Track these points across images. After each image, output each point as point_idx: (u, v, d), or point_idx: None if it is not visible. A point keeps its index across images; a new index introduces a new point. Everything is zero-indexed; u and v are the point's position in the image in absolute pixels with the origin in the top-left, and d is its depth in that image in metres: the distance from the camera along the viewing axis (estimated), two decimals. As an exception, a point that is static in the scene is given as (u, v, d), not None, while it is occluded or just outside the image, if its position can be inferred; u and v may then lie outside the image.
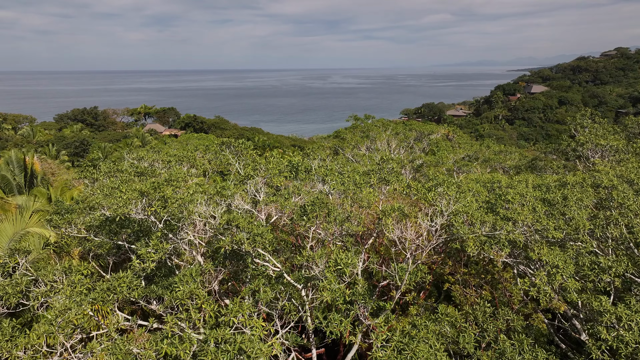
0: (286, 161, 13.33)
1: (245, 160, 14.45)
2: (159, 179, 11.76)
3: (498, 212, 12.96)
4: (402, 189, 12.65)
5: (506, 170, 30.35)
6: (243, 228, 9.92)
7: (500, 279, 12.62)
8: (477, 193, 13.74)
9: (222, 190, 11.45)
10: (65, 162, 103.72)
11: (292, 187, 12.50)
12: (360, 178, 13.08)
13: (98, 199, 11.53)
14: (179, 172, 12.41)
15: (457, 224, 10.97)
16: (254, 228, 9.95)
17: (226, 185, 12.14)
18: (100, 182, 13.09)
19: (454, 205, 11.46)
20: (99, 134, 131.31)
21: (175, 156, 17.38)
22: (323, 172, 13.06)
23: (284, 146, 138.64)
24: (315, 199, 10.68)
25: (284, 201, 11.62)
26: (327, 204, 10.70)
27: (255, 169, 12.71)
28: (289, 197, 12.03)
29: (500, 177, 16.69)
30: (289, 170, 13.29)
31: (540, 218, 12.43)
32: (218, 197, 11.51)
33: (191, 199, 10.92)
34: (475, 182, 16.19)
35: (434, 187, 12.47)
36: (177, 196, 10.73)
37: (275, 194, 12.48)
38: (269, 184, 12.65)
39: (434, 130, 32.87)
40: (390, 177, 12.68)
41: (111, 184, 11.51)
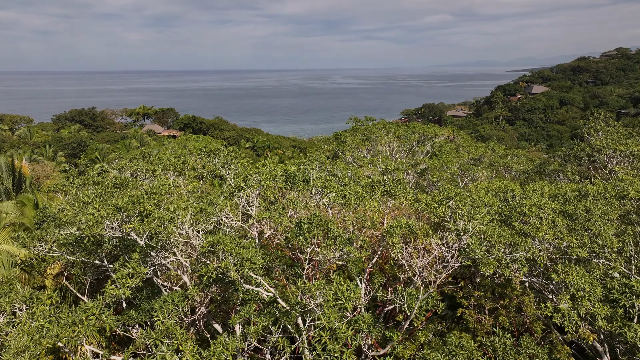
0: (281, 170, 12.14)
1: (236, 170, 13.19)
2: (139, 192, 10.57)
3: (513, 225, 11.83)
4: (410, 202, 11.47)
5: (513, 174, 29.19)
6: (229, 251, 8.74)
7: (519, 304, 11.44)
8: (490, 204, 12.61)
9: (207, 206, 10.21)
10: (62, 163, 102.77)
11: (287, 200, 11.29)
12: (363, 190, 11.88)
13: (67, 217, 10.37)
14: (163, 183, 11.23)
15: (475, 246, 9.76)
16: (243, 252, 8.77)
17: (214, 199, 10.96)
18: (72, 195, 11.86)
19: (469, 222, 10.15)
20: (97, 135, 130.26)
21: (162, 164, 16.03)
22: (322, 184, 11.86)
23: (284, 147, 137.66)
24: (312, 216, 9.46)
25: (277, 217, 10.40)
26: (326, 222, 9.49)
27: (247, 180, 11.49)
28: (283, 212, 10.80)
29: (513, 186, 15.51)
30: (285, 180, 12.09)
31: (561, 234, 11.27)
32: (203, 214, 10.30)
33: (172, 216, 9.69)
34: (486, 191, 15.04)
35: (445, 201, 11.28)
36: (156, 213, 9.53)
37: (269, 208, 11.31)
38: (262, 197, 11.45)
39: (437, 132, 31.69)
40: (397, 190, 11.47)
41: (84, 199, 10.28)
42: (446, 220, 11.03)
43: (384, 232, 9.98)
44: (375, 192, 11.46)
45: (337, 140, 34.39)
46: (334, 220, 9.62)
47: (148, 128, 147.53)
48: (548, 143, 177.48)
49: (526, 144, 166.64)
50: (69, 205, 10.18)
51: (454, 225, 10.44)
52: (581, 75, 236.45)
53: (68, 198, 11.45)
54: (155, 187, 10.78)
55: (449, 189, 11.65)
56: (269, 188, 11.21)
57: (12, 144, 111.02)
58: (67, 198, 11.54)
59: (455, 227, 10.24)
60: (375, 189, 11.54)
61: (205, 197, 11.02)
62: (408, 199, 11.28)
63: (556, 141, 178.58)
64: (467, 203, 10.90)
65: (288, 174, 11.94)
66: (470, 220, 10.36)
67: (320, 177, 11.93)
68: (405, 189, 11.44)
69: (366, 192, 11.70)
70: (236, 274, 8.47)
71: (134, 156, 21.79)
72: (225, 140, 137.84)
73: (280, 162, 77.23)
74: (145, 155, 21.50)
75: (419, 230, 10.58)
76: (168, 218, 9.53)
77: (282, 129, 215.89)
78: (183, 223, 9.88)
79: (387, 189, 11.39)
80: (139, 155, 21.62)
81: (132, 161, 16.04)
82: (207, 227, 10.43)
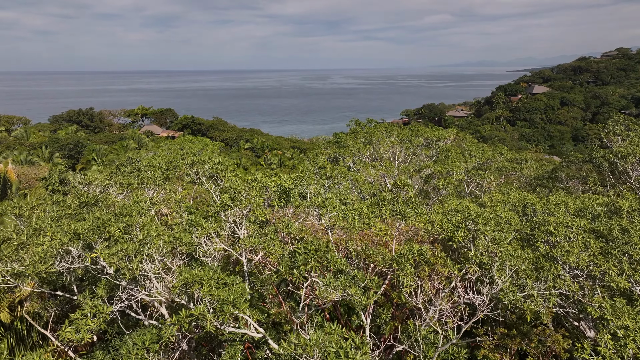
0: (274, 184, 10.66)
1: (222, 185, 11.64)
2: (105, 214, 9.11)
3: (537, 246, 10.41)
4: (423, 224, 9.97)
5: (523, 180, 27.76)
6: (207, 293, 7.29)
7: (552, 345, 9.92)
8: (507, 218, 11.22)
9: (184, 235, 8.65)
10: (58, 164, 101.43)
11: (280, 221, 9.77)
12: (369, 210, 10.35)
13: (8, 250, 8.68)
14: (138, 201, 9.83)
15: (513, 294, 8.18)
16: (223, 294, 7.31)
17: (195, 220, 9.46)
18: (25, 218, 10.27)
19: (500, 257, 8.46)
20: (95, 136, 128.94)
21: (139, 177, 14.42)
22: (320, 202, 10.43)
23: (284, 148, 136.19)
24: (309, 244, 8.03)
25: (269, 242, 8.88)
26: (325, 251, 8.03)
27: (234, 197, 10.04)
28: (275, 236, 9.30)
29: (533, 199, 14.04)
30: (279, 197, 10.62)
31: (596, 259, 9.81)
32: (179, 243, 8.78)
33: (139, 247, 8.21)
34: (502, 204, 13.62)
35: (463, 223, 9.79)
36: (119, 245, 8.10)
37: (259, 231, 9.84)
38: (252, 216, 10.00)
39: (442, 135, 30.29)
40: (408, 211, 9.96)
41: (36, 224, 8.76)
42: (465, 247, 9.56)
43: (392, 261, 8.53)
44: (383, 211, 9.97)
45: (338, 143, 33.10)
46: (333, 249, 8.15)
47: (146, 129, 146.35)
48: (549, 144, 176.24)
49: (527, 145, 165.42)
50: (15, 233, 8.65)
51: (476, 255, 8.86)
52: (582, 75, 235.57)
53: (18, 223, 9.69)
54: (126, 207, 9.35)
55: (469, 208, 10.15)
56: (259, 207, 9.74)
57: (7, 145, 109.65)
58: (17, 222, 9.77)
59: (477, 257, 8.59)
60: (382, 207, 10.05)
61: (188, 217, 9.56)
62: (421, 221, 9.77)
63: (557, 142, 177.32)
64: (490, 226, 9.41)
65: (283, 189, 10.45)
66: (494, 246, 8.88)
67: (319, 194, 10.45)
68: (417, 208, 9.94)
69: (372, 212, 10.19)
70: (213, 325, 7.03)
71: (121, 162, 20.37)
72: (224, 142, 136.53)
73: (279, 163, 75.98)
74: (133, 160, 20.02)
75: (435, 259, 9.05)
76: (133, 250, 8.06)
77: (282, 129, 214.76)
78: (154, 254, 8.36)
79: (396, 209, 9.88)
80: (126, 161, 20.18)
81: (103, 174, 14.39)
82: (183, 259, 8.99)
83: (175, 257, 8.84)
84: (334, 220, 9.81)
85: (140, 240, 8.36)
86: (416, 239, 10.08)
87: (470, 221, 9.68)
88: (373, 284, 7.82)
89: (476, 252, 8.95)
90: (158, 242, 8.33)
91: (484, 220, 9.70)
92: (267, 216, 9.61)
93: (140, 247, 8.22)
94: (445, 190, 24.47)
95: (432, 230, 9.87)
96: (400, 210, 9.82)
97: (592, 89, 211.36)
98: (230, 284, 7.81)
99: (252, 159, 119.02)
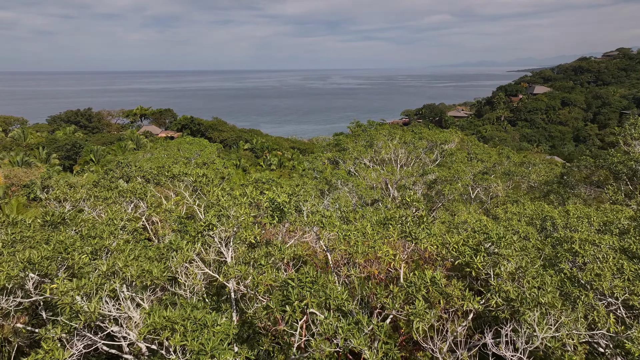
0: (266, 198, 9.45)
1: (208, 201, 10.30)
2: (69, 238, 7.92)
3: (561, 268, 9.23)
4: (436, 246, 8.71)
5: (532, 185, 26.64)
6: (178, 342, 6.08)
7: None
8: (524, 234, 10.10)
9: (155, 268, 7.28)
10: (55, 165, 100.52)
11: (273, 245, 8.51)
12: (374, 231, 9.11)
13: None
14: (114, 217, 8.69)
15: (550, 342, 6.99)
16: (196, 346, 6.08)
17: (175, 243, 8.21)
18: None
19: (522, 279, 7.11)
20: (93, 137, 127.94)
21: (118, 190, 12.96)
22: (318, 221, 9.39)
23: (283, 148, 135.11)
24: (304, 276, 6.78)
25: (258, 270, 7.65)
26: (324, 285, 6.76)
27: (220, 216, 8.84)
28: (265, 261, 8.07)
29: (551, 210, 12.85)
30: (271, 213, 9.39)
31: (632, 285, 8.61)
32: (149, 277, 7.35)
33: (101, 283, 6.95)
34: (518, 216, 12.47)
35: (482, 245, 8.55)
36: (74, 283, 6.84)
37: (249, 254, 8.67)
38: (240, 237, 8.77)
39: (447, 138, 29.15)
40: (419, 232, 8.78)
41: None
42: (485, 274, 8.28)
43: (402, 297, 7.28)
44: (390, 231, 8.76)
45: (338, 146, 32.00)
46: (333, 280, 6.95)
47: (145, 129, 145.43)
48: (550, 144, 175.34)
49: (528, 145, 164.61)
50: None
51: (500, 286, 7.53)
52: (582, 75, 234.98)
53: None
54: (97, 227, 8.23)
55: (485, 228, 8.94)
56: (248, 228, 8.55)
57: (4, 146, 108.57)
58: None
59: (500, 288, 7.15)
60: (389, 227, 8.85)
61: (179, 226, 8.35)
62: (434, 243, 8.53)
63: (558, 142, 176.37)
64: (512, 249, 8.16)
65: (276, 204, 9.23)
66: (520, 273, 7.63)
67: (317, 211, 9.24)
68: (429, 228, 8.73)
69: (377, 232, 8.96)
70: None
71: (110, 167, 19.18)
72: (223, 142, 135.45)
73: (279, 164, 74.35)
74: (123, 165, 18.84)
75: (451, 289, 7.84)
76: (93, 285, 6.78)
77: (281, 129, 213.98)
78: (121, 289, 7.08)
79: (406, 230, 8.68)
80: (115, 166, 19.01)
81: (74, 188, 12.91)
82: (156, 293, 7.77)
83: (147, 291, 7.55)
84: (333, 242, 8.60)
85: (104, 272, 7.13)
86: (429, 264, 8.87)
87: (489, 241, 8.41)
88: (382, 333, 6.59)
89: (499, 283, 7.74)
90: (127, 272, 7.05)
91: (506, 242, 8.53)
92: (257, 237, 8.47)
93: (103, 280, 6.97)
94: (451, 197, 23.37)
95: (446, 254, 8.64)
96: (410, 231, 8.62)
97: (593, 89, 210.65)
98: (210, 325, 6.60)
99: (252, 160, 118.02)
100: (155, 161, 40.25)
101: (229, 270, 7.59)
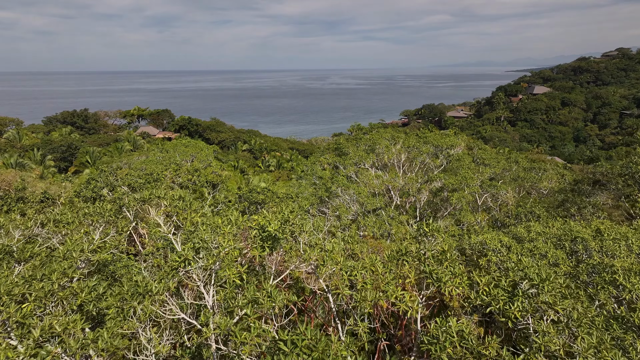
0: (255, 224, 7.91)
1: (183, 229, 8.66)
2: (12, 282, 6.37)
3: (604, 303, 7.79)
4: (462, 291, 7.13)
5: (543, 193, 25.33)
6: None
7: None
8: (554, 258, 8.74)
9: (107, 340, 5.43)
10: (50, 167, 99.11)
11: (263, 294, 6.69)
12: (385, 267, 7.52)
13: None
14: (73, 249, 7.23)
15: None
16: None
17: (142, 285, 6.58)
18: None
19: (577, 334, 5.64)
20: (89, 138, 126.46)
21: (83, 210, 11.11)
22: (317, 256, 7.53)
23: (282, 149, 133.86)
24: (299, 338, 5.23)
25: (242, 327, 6.04)
26: (325, 350, 5.27)
27: (198, 248, 7.36)
28: (252, 312, 6.38)
29: (581, 230, 11.37)
30: (261, 243, 7.84)
31: None
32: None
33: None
34: (544, 236, 11.09)
35: (518, 286, 6.93)
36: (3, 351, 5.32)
37: (231, 300, 7.17)
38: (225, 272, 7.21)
39: (453, 143, 27.73)
40: (442, 273, 7.66)
41: None
42: (524, 325, 6.76)
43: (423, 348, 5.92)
44: (405, 271, 7.26)
45: (338, 150, 30.64)
46: (337, 342, 5.45)
47: (142, 130, 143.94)
48: (550, 144, 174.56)
49: (528, 145, 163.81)
50: None
51: (546, 342, 6.04)
52: (582, 75, 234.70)
53: None
54: (47, 267, 6.72)
55: (525, 263, 7.43)
56: (232, 265, 7.06)
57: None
58: None
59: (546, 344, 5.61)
60: (404, 264, 7.35)
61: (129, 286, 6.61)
62: (462, 285, 6.95)
63: (559, 142, 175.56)
64: (559, 295, 6.59)
65: (268, 233, 7.74)
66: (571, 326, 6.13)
67: (316, 244, 7.75)
68: (454, 267, 7.14)
69: (390, 270, 7.44)
70: None
71: (92, 176, 17.72)
72: (222, 143, 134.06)
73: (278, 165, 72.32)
74: (105, 173, 17.38)
75: (484, 347, 6.27)
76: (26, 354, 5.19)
77: (280, 129, 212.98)
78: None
79: (426, 270, 7.13)
80: (98, 174, 17.58)
81: (25, 215, 11.13)
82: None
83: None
84: (335, 278, 7.06)
85: (36, 338, 5.40)
86: (450, 307, 7.44)
87: (527, 280, 6.81)
88: None
89: (545, 340, 6.20)
90: (67, 342, 5.26)
91: (551, 285, 6.90)
92: (243, 275, 7.02)
93: (36, 350, 5.37)
94: (459, 206, 22.06)
95: (475, 299, 7.09)
96: (430, 271, 7.10)
97: (593, 89, 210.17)
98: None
99: (250, 161, 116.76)
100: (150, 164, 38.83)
101: (208, 330, 6.03)
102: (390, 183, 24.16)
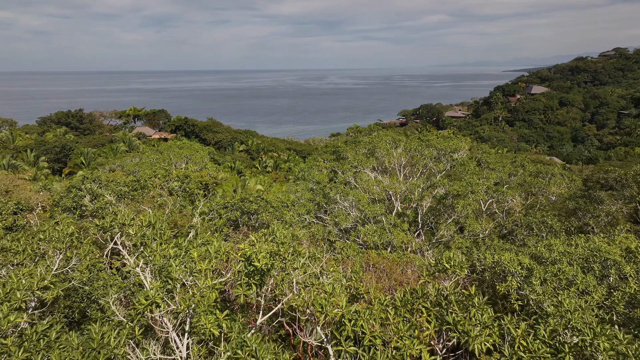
0: (241, 255, 6.61)
1: (153, 263, 7.22)
2: None
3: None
4: (493, 343, 5.81)
5: (552, 199, 24.24)
6: None
7: None
8: (583, 284, 7.64)
9: None
10: (44, 169, 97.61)
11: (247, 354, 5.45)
12: (398, 314, 6.27)
13: None
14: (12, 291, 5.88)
15: None
16: None
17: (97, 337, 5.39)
18: None
19: None
20: (84, 139, 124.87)
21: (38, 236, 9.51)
22: (315, 299, 6.21)
23: (279, 150, 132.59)
24: None
25: None
26: None
27: (170, 290, 6.06)
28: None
29: (609, 250, 10.18)
30: (247, 280, 6.56)
31: None
32: None
33: None
34: (568, 257, 9.93)
35: (561, 339, 5.59)
36: None
37: (209, 356, 5.99)
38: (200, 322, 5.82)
39: (457, 146, 26.56)
40: (467, 324, 5.82)
41: None
42: None
43: None
44: (423, 322, 5.99)
45: (336, 153, 29.50)
46: None
47: (138, 130, 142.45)
48: (549, 144, 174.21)
49: (526, 145, 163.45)
50: None
51: None
52: (579, 75, 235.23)
53: None
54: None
55: (562, 306, 6.28)
56: (207, 314, 5.71)
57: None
58: None
59: None
60: (420, 310, 5.99)
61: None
62: (493, 338, 5.62)
63: (557, 142, 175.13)
64: (609, 347, 5.48)
65: (255, 269, 6.43)
66: None
67: (313, 284, 6.48)
68: (482, 312, 5.79)
69: (403, 319, 6.19)
70: None
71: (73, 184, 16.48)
72: (218, 144, 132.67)
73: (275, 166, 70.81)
74: (88, 180, 16.17)
75: None
76: None
77: (277, 130, 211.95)
78: None
79: (449, 320, 5.81)
80: (80, 182, 16.33)
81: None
82: None
83: None
84: (337, 334, 5.75)
85: None
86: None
87: (575, 333, 5.56)
88: None
89: None
90: None
91: (607, 342, 5.47)
92: (222, 324, 5.84)
93: None
94: (464, 213, 21.03)
95: (509, 357, 5.84)
96: (455, 322, 5.74)
97: (590, 89, 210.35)
98: None
99: (247, 162, 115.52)
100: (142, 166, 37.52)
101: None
102: (391, 189, 23.04)
